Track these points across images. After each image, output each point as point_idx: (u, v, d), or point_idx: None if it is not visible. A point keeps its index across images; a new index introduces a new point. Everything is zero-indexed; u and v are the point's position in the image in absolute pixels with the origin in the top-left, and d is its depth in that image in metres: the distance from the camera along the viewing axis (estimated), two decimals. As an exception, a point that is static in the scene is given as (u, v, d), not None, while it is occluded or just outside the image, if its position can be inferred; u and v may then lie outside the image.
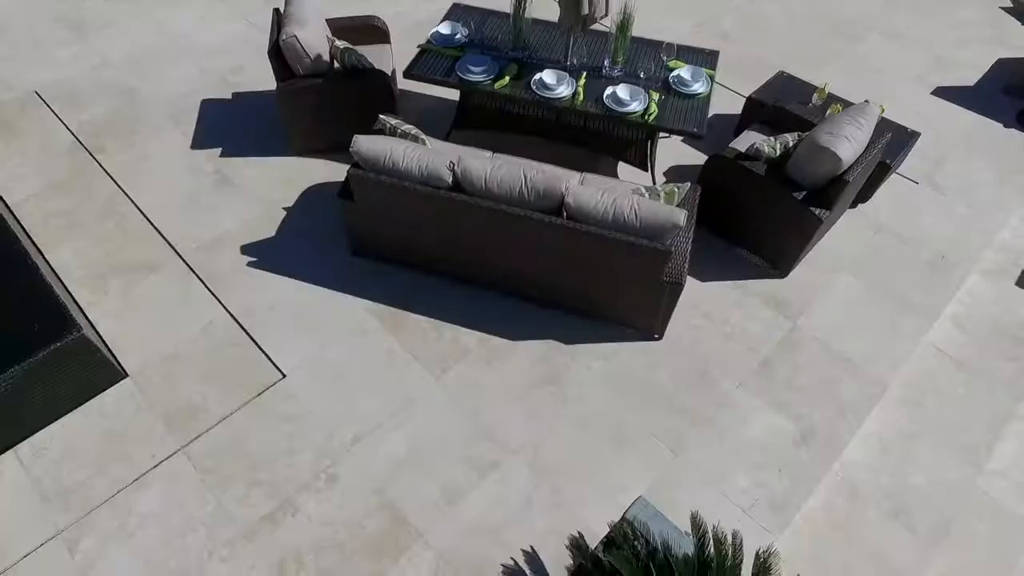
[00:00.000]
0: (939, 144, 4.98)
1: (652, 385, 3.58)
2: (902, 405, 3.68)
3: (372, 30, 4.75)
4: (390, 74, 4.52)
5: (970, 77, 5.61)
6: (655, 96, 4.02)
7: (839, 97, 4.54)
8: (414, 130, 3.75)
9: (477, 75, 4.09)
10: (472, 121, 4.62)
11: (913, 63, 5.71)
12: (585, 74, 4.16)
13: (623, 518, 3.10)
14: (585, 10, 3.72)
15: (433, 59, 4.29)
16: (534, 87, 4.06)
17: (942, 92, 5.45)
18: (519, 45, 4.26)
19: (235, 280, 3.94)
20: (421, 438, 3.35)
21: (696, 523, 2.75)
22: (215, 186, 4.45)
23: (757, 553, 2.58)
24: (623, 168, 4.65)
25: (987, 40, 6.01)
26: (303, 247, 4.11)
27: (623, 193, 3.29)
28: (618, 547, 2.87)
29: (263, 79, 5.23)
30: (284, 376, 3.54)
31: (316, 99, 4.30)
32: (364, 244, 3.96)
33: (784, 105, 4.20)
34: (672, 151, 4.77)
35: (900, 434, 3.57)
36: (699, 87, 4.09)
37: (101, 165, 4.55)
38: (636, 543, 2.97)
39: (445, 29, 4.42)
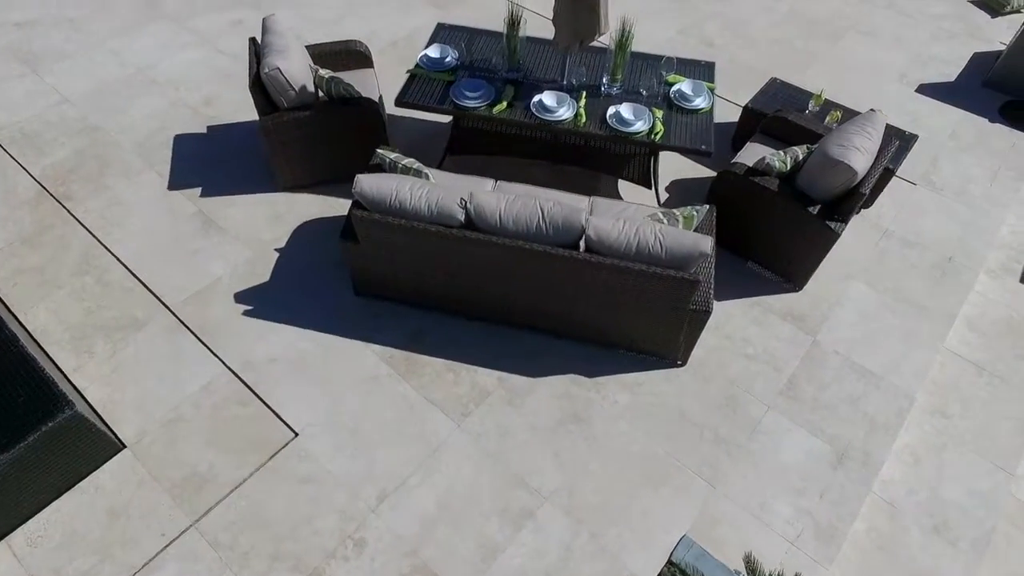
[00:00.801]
0: (931, 143, 5.01)
1: (681, 415, 3.47)
2: (928, 414, 3.65)
3: (354, 55, 4.53)
4: (378, 101, 4.32)
5: (950, 73, 5.67)
6: (658, 113, 3.91)
7: (835, 103, 4.51)
8: (416, 164, 3.56)
9: (474, 100, 3.93)
10: (466, 146, 4.45)
11: (893, 61, 5.74)
12: (585, 94, 4.03)
13: (670, 561, 2.99)
14: (600, 30, 3.59)
15: (424, 85, 4.11)
16: (534, 110, 3.91)
17: (925, 89, 5.49)
18: (514, 66, 4.11)
19: (231, 332, 3.70)
20: (450, 491, 3.18)
21: (751, 566, 2.66)
22: (199, 230, 4.19)
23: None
24: (623, 185, 4.54)
25: (960, 34, 6.09)
26: (301, 291, 3.89)
27: (645, 221, 3.17)
28: (671, 595, 2.77)
29: (238, 109, 4.97)
30: (296, 434, 3.33)
31: (303, 132, 4.07)
32: (368, 284, 3.76)
33: (786, 115, 4.14)
34: (671, 165, 4.68)
35: (930, 445, 3.54)
36: (701, 102, 4.00)
37: (71, 214, 4.24)
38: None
39: (434, 52, 4.24)
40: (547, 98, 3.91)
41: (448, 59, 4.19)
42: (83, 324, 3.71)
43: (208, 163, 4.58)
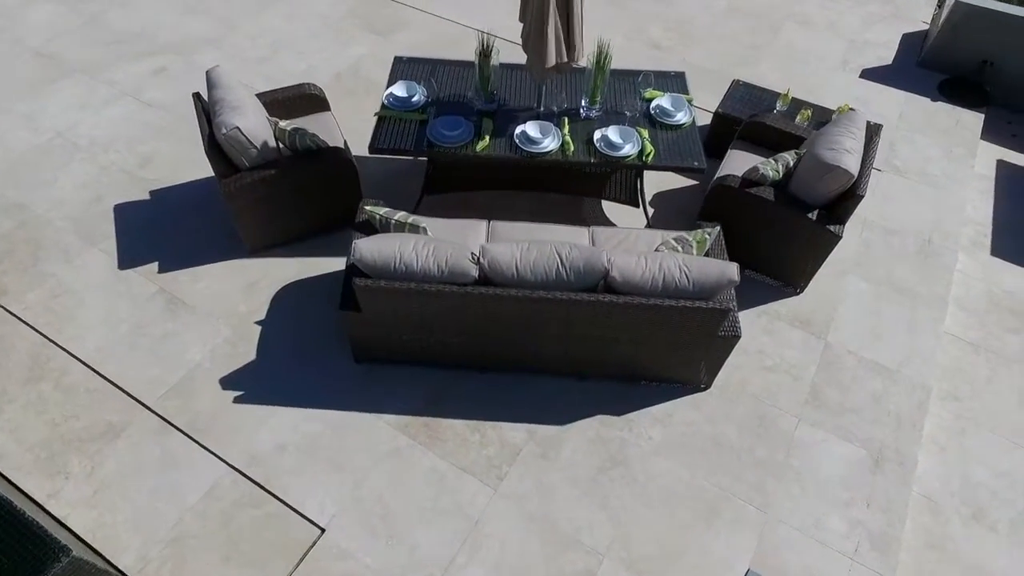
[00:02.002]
0: (885, 127, 5.16)
1: (716, 442, 3.40)
2: (941, 400, 3.74)
3: (308, 99, 4.21)
4: (343, 147, 4.03)
5: (886, 56, 5.87)
6: (644, 133, 3.82)
7: (803, 101, 4.55)
8: (410, 217, 3.32)
9: (455, 139, 3.70)
10: (444, 185, 4.23)
11: (832, 49, 5.89)
12: (567, 120, 3.88)
13: (741, 600, 2.91)
14: (576, 56, 3.45)
15: (395, 127, 3.85)
16: (519, 142, 3.73)
17: (868, 74, 5.67)
18: (488, 97, 3.91)
19: (226, 424, 3.34)
20: (501, 564, 2.98)
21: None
22: (164, 311, 3.78)
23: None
24: (607, 205, 4.44)
25: (887, 17, 6.32)
26: (294, 365, 3.57)
27: (667, 255, 3.06)
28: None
29: (180, 167, 4.54)
30: (323, 530, 3.03)
31: (269, 191, 3.73)
32: (369, 350, 3.49)
33: (763, 120, 4.14)
34: (649, 178, 4.60)
35: (950, 431, 3.62)
36: (682, 117, 3.93)
37: (9, 311, 3.74)
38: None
39: (400, 90, 3.97)
40: (531, 129, 3.74)
41: (416, 97, 3.94)
42: (50, 441, 3.26)
43: (159, 233, 4.14)
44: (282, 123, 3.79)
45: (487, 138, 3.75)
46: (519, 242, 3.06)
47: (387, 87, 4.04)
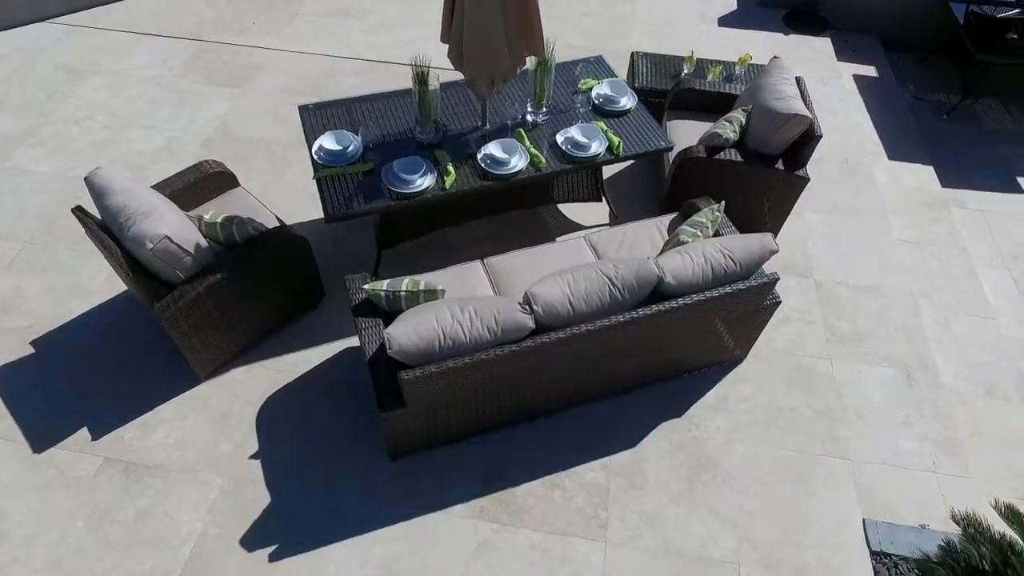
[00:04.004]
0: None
1: (775, 407, 3.40)
2: (919, 299, 4.06)
3: (213, 179, 3.52)
4: (280, 223, 3.42)
5: (730, 2, 6.24)
6: (603, 125, 3.66)
7: (708, 60, 4.65)
8: (421, 283, 2.88)
9: (422, 183, 3.26)
10: (401, 235, 3.78)
11: (687, 5, 6.13)
12: (523, 131, 3.60)
13: (872, 553, 2.94)
14: (536, 50, 3.22)
15: (341, 185, 3.32)
16: (486, 167, 3.39)
17: (724, 22, 5.99)
18: (431, 128, 3.50)
19: (273, 591, 2.72)
20: (648, 617, 2.74)
21: (969, 524, 2.68)
22: (125, 484, 2.98)
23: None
24: (564, 207, 4.25)
25: (712, -35, 6.72)
26: (323, 489, 2.99)
27: (705, 243, 2.95)
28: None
29: (60, 302, 3.61)
30: (451, 666, 2.58)
31: (217, 300, 3.07)
32: (409, 443, 3.01)
33: (690, 86, 4.17)
34: (590, 168, 4.48)
35: (938, 325, 3.95)
36: (627, 101, 3.82)
37: (-101, 564, 2.73)
38: (908, 571, 2.86)
39: (330, 143, 3.43)
40: (496, 150, 3.42)
41: (352, 147, 3.42)
42: None
43: (70, 389, 3.26)
44: (207, 216, 3.11)
45: (452, 172, 3.36)
46: (561, 274, 2.77)
47: (310, 142, 3.48)
